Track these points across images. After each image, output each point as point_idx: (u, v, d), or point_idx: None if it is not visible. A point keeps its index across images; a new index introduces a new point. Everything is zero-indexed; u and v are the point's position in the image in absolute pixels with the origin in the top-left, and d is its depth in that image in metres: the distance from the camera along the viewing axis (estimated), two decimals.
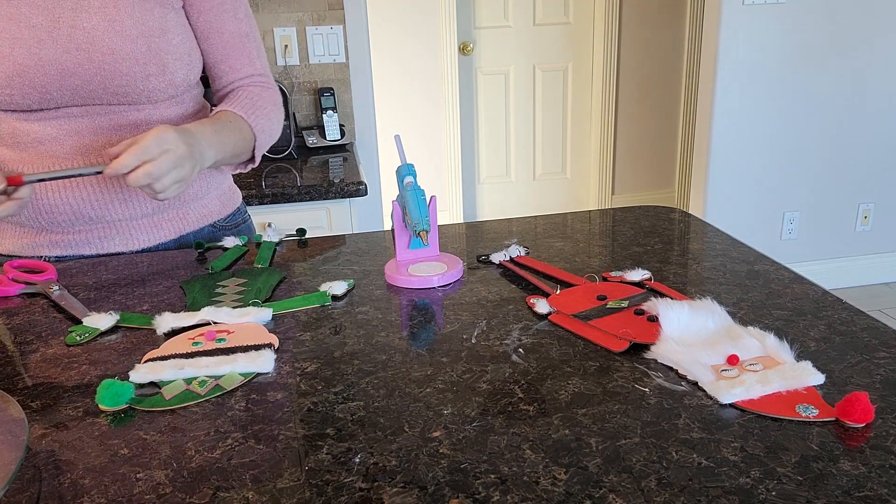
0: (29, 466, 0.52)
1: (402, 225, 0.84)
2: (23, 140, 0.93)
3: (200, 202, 1.06)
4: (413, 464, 0.50)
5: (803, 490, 0.46)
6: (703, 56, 2.80)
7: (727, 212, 2.92)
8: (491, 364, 0.63)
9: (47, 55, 0.87)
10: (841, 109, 2.86)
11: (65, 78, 0.89)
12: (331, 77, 2.30)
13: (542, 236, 0.98)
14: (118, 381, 0.59)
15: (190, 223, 1.05)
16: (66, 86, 0.89)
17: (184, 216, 1.04)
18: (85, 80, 0.90)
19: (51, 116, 0.92)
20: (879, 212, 3.04)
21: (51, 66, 0.88)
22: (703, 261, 0.86)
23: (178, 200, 1.03)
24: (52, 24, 0.88)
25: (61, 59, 0.88)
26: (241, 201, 1.17)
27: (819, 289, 0.76)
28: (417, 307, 0.76)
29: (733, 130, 2.82)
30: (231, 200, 1.13)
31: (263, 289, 0.81)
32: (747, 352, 0.61)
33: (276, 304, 0.78)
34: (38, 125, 0.92)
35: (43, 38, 0.87)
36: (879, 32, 2.77)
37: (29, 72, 0.88)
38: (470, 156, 3.85)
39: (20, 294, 0.84)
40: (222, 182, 1.11)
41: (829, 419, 0.53)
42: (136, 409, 0.58)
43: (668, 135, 3.99)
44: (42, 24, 0.87)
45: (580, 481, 0.47)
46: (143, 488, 0.49)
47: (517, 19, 3.67)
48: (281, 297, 0.80)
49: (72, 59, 0.88)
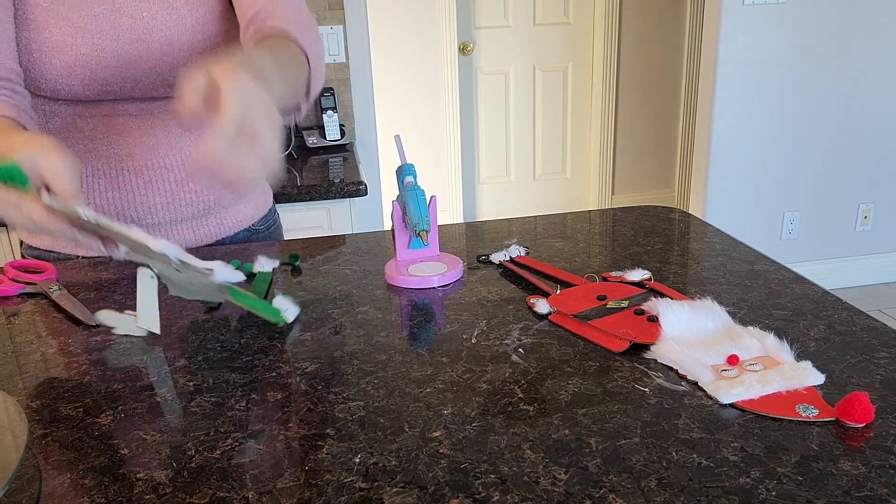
0: (29, 466, 0.52)
1: (402, 225, 0.84)
2: (75, 136, 0.92)
3: (238, 207, 1.07)
4: (413, 464, 0.50)
5: (803, 490, 0.46)
6: (703, 56, 2.80)
7: (727, 212, 2.92)
8: (491, 364, 0.63)
9: (109, 46, 0.86)
10: (841, 109, 2.86)
11: (126, 70, 0.88)
12: (331, 77, 2.30)
13: (542, 236, 0.98)
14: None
15: (226, 228, 1.05)
16: (127, 77, 0.89)
17: (221, 221, 1.04)
18: (144, 72, 0.89)
19: (105, 112, 0.91)
20: (879, 212, 3.04)
21: (112, 57, 0.87)
22: (703, 261, 0.86)
23: (217, 205, 1.02)
24: (113, 13, 0.86)
25: (122, 51, 0.87)
26: (273, 202, 1.17)
27: (819, 289, 0.76)
28: (417, 307, 0.76)
29: (733, 130, 2.82)
30: (265, 202, 1.13)
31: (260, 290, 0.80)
32: (747, 352, 0.61)
33: (237, 293, 0.70)
34: (92, 121, 0.91)
35: (105, 29, 0.86)
36: (879, 32, 2.77)
37: (90, 62, 0.86)
38: (470, 156, 3.85)
39: (20, 294, 0.84)
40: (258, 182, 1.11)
41: (829, 419, 0.53)
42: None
43: (668, 135, 3.99)
44: (104, 14, 0.86)
45: (580, 481, 0.47)
46: (143, 488, 0.49)
47: (517, 19, 3.67)
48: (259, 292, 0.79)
49: (132, 50, 0.87)
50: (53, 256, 1.01)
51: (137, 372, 0.65)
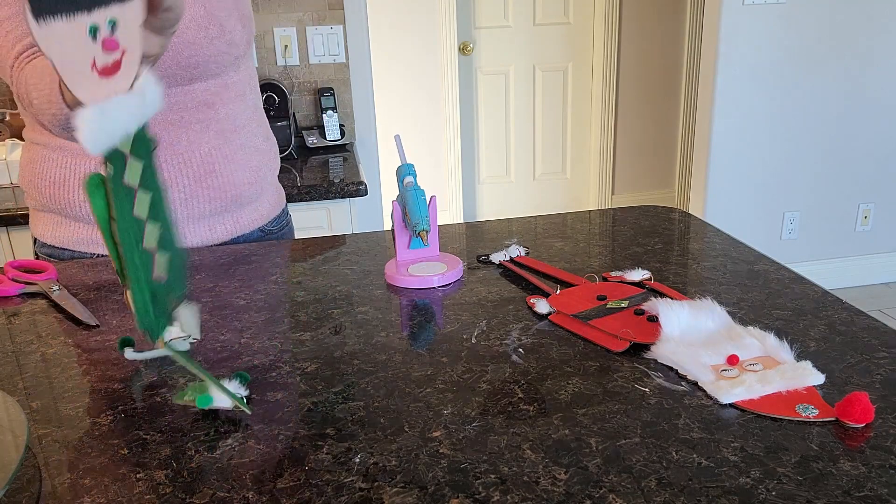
0: (29, 466, 0.52)
1: (402, 225, 0.84)
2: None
3: (253, 206, 1.08)
4: (413, 464, 0.50)
5: (803, 490, 0.46)
6: (703, 56, 2.80)
7: (727, 212, 2.92)
8: (491, 364, 0.63)
9: None
10: (841, 109, 2.86)
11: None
12: (331, 77, 2.30)
13: (542, 236, 0.98)
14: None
15: (242, 226, 1.07)
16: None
17: (238, 220, 1.06)
18: (163, 69, 0.91)
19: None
20: (879, 212, 3.04)
21: None
22: (703, 261, 0.86)
23: (234, 203, 1.04)
24: None
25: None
26: (286, 203, 1.18)
27: (819, 289, 0.76)
28: (417, 307, 0.76)
29: (733, 130, 2.82)
30: (278, 202, 1.15)
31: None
32: (747, 352, 0.61)
33: (182, 355, 0.58)
34: None
35: None
36: (879, 32, 2.77)
37: None
38: (470, 156, 3.85)
39: (20, 294, 0.84)
40: (273, 181, 1.12)
41: (829, 419, 0.53)
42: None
43: (668, 135, 3.99)
44: None
45: (580, 481, 0.47)
46: (143, 488, 0.49)
47: (517, 19, 3.67)
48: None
49: None
50: (68, 255, 1.02)
51: (137, 372, 0.65)
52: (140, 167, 0.54)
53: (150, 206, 0.55)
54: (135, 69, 0.52)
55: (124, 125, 0.52)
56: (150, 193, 0.55)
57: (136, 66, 0.52)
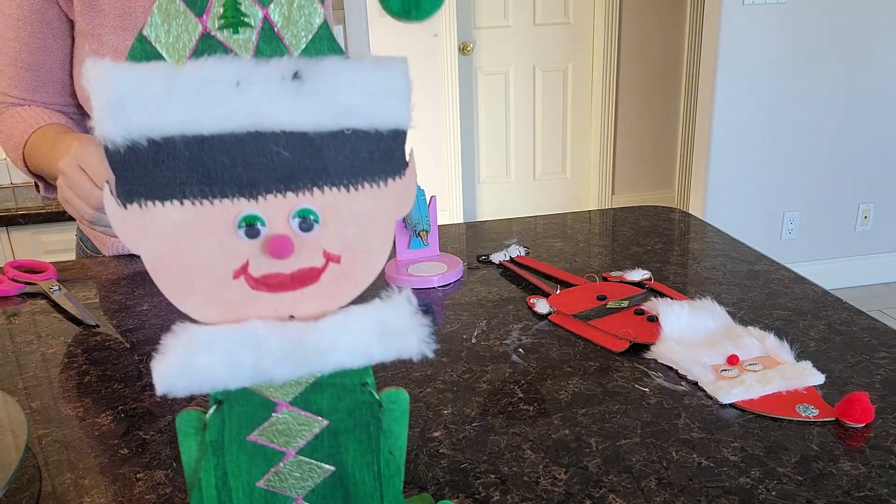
0: (29, 466, 0.52)
1: (402, 225, 0.84)
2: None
3: None
4: (413, 464, 0.50)
5: (803, 490, 0.46)
6: (703, 56, 2.80)
7: (727, 212, 2.92)
8: (491, 364, 0.63)
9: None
10: (841, 109, 2.86)
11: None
12: None
13: (542, 236, 0.98)
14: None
15: None
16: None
17: None
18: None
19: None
20: (879, 212, 3.04)
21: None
22: (703, 261, 0.86)
23: None
24: None
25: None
26: None
27: (819, 289, 0.76)
28: (417, 307, 0.76)
29: (733, 130, 2.82)
30: None
31: None
32: (747, 352, 0.61)
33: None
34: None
35: None
36: (879, 32, 2.77)
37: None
38: (470, 156, 3.85)
39: (20, 294, 0.84)
40: None
41: (829, 419, 0.53)
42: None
43: (668, 135, 3.99)
44: None
45: (580, 481, 0.47)
46: (143, 488, 0.49)
47: (517, 19, 3.67)
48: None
49: None
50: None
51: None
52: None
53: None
54: (351, 288, 0.35)
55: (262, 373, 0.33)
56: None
57: (354, 284, 0.35)
